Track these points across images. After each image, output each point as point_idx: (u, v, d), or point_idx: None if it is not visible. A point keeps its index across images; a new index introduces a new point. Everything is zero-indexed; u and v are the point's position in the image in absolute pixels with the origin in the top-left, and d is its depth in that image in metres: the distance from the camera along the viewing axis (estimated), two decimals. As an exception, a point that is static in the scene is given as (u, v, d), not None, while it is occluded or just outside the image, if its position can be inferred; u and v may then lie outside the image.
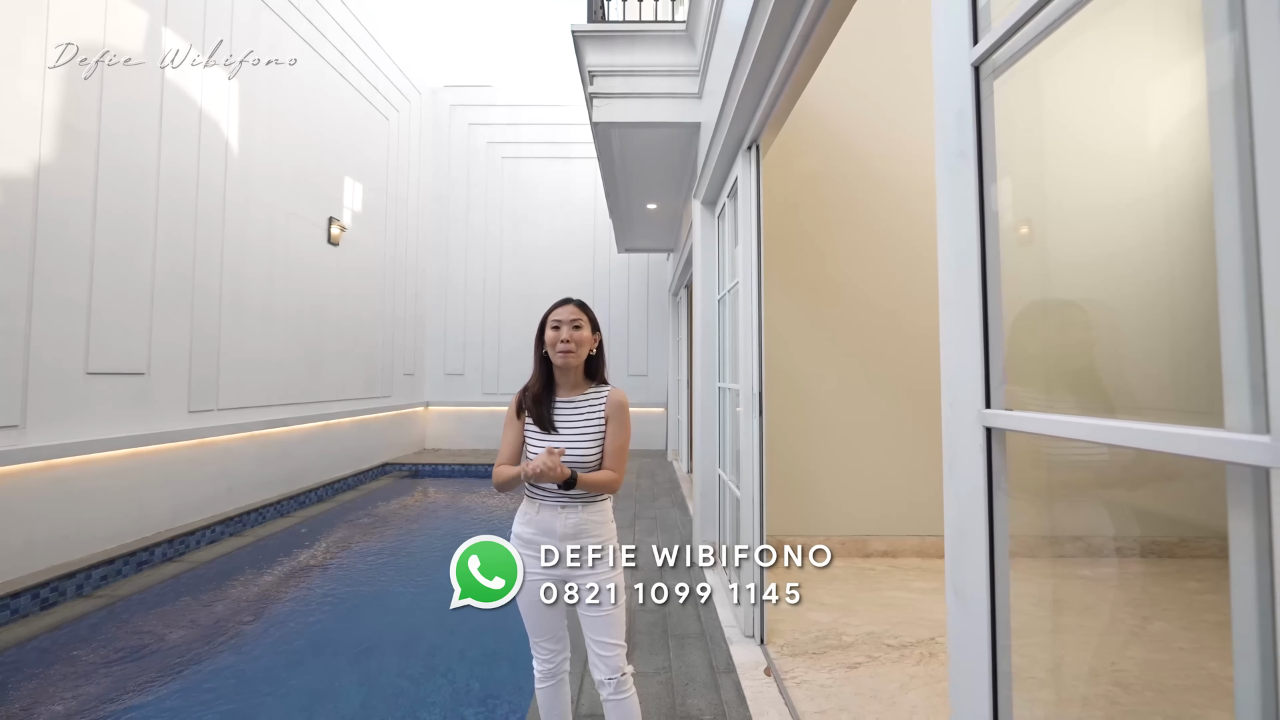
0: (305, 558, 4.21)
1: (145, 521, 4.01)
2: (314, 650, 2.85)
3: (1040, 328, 0.97)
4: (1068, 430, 0.66)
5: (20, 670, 2.54)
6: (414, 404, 8.64)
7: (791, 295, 3.53)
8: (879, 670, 2.20)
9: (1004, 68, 0.80)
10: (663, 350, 9.10)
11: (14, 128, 3.25)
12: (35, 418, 3.33)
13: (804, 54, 1.91)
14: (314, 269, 6.08)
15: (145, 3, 4.06)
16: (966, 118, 0.81)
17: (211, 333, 4.66)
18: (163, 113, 4.20)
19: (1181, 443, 0.50)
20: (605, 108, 3.56)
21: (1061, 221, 0.86)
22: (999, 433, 0.78)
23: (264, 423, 5.21)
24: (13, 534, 3.19)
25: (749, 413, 2.46)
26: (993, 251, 0.80)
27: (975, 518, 0.80)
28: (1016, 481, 1.35)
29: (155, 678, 2.52)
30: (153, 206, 4.13)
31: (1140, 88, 0.91)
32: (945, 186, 0.86)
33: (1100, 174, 0.91)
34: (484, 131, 9.34)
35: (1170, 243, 0.91)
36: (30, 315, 3.31)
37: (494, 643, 2.86)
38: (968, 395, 0.81)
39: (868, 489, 3.49)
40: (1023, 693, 1.36)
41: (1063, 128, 0.88)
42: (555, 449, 1.34)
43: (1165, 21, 0.79)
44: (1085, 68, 0.80)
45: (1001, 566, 0.78)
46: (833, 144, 3.58)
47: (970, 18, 0.81)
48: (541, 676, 1.51)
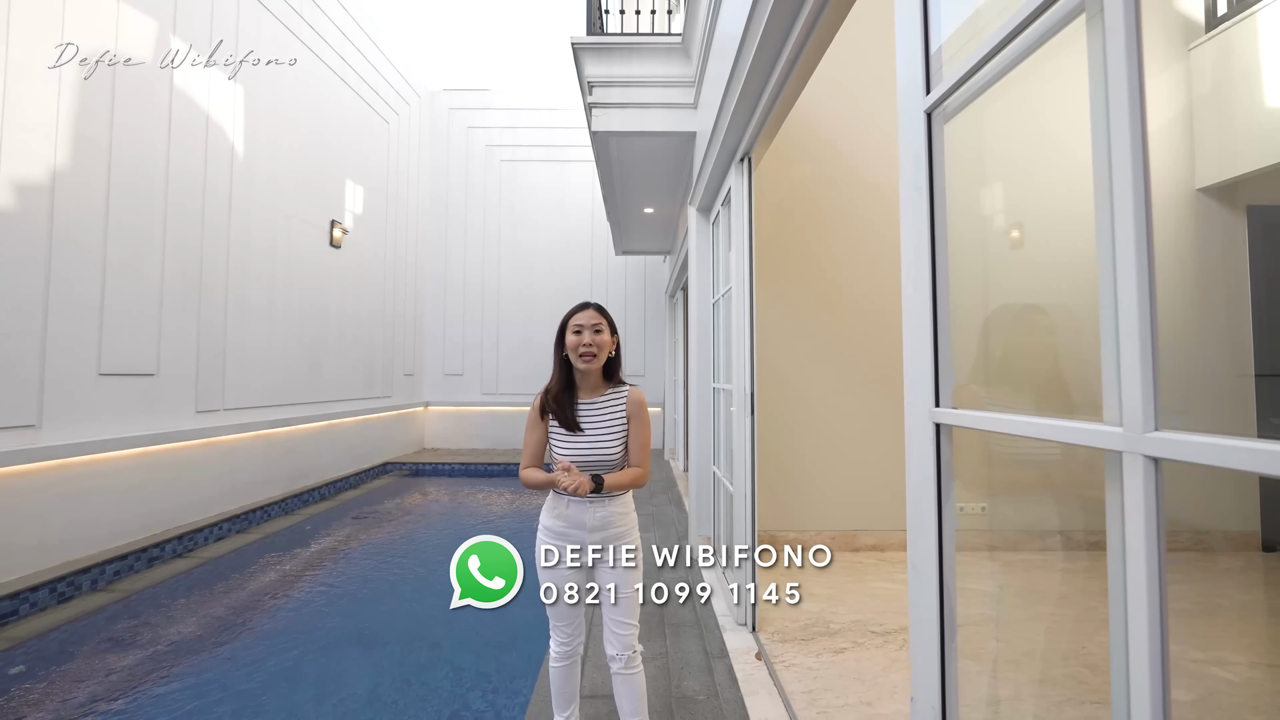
0: (311, 553, 4.32)
1: (155, 518, 4.11)
2: (322, 641, 2.96)
3: (1004, 333, 1.10)
4: (995, 425, 0.79)
5: (44, 659, 2.65)
6: (414, 404, 8.74)
7: (784, 298, 3.66)
8: (863, 654, 2.33)
9: (954, 113, 0.93)
10: (660, 351, 9.22)
11: (31, 136, 3.35)
12: (50, 417, 3.43)
13: (794, 70, 2.03)
14: (316, 271, 6.18)
15: (155, 12, 4.16)
16: (921, 157, 0.94)
17: (217, 334, 4.76)
18: (171, 120, 4.30)
19: (1068, 434, 0.63)
20: (604, 117, 3.68)
21: (1000, 242, 0.99)
22: (946, 428, 0.91)
23: (268, 422, 5.31)
24: (30, 530, 3.29)
25: (741, 412, 2.59)
26: (942, 270, 0.93)
27: (927, 501, 0.93)
28: (1001, 481, 1.49)
29: (171, 666, 2.63)
30: (161, 211, 4.23)
31: (1066, 128, 1.04)
32: (905, 215, 0.99)
33: (1033, 200, 1.04)
34: (482, 134, 9.45)
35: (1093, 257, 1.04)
36: (46, 318, 3.41)
37: (495, 634, 2.97)
38: (922, 395, 0.94)
39: (857, 485, 3.62)
40: (995, 674, 1.50)
41: (1001, 162, 1.01)
42: (569, 465, 1.43)
43: (1082, 80, 0.93)
44: (1021, 112, 0.93)
45: (948, 543, 0.91)
46: (824, 152, 3.72)
47: (923, 71, 0.94)
48: (557, 656, 1.62)
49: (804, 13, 1.72)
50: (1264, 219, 2.23)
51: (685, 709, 2.00)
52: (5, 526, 3.18)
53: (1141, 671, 0.54)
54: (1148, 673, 0.54)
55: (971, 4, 0.89)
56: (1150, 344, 0.53)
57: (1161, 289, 1.89)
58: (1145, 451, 0.53)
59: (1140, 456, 0.54)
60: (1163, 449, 0.53)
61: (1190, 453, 0.51)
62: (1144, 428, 0.53)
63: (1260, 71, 1.88)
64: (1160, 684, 0.54)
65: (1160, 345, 1.77)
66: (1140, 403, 0.54)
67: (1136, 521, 0.54)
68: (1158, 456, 0.53)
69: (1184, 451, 0.51)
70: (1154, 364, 0.54)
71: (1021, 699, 1.74)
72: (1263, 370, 2.26)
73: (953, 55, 0.92)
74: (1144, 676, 0.54)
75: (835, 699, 2.01)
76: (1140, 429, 0.54)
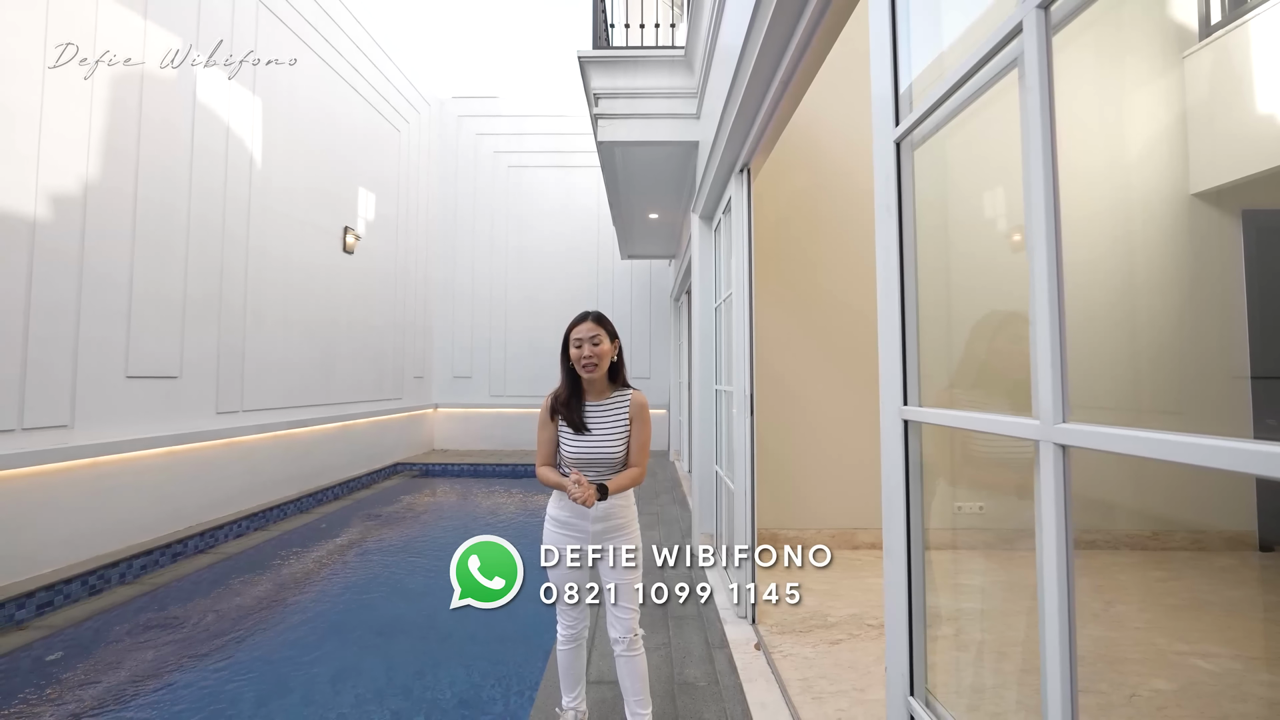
0: (326, 550, 4.46)
1: (178, 515, 4.27)
2: (339, 632, 3.09)
3: (987, 339, 1.20)
4: (951, 421, 0.89)
5: (79, 646, 2.80)
6: (423, 406, 8.90)
7: (783, 303, 3.76)
8: (858, 645, 2.43)
9: (920, 142, 1.04)
10: (665, 354, 9.34)
11: (66, 151, 3.52)
12: (82, 418, 3.60)
13: (790, 84, 2.13)
14: (329, 276, 6.35)
15: (179, 29, 4.34)
16: (890, 182, 1.05)
17: (237, 338, 4.92)
18: (194, 132, 4.48)
19: (1001, 426, 0.74)
20: (609, 128, 3.81)
21: (962, 254, 1.10)
22: (914, 425, 1.02)
23: (285, 423, 5.48)
24: (62, 525, 3.45)
25: (741, 412, 2.70)
26: (910, 281, 1.03)
27: (897, 490, 1.03)
28: (997, 482, 1.59)
29: (197, 654, 2.77)
30: (185, 220, 4.40)
31: (1014, 158, 1.15)
32: (877, 232, 1.09)
33: (988, 218, 1.15)
34: (490, 141, 9.62)
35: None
36: (78, 323, 3.58)
37: (505, 627, 3.09)
38: (893, 395, 1.05)
39: (856, 484, 3.71)
40: (981, 664, 1.60)
41: (960, 185, 1.12)
42: (581, 478, 1.52)
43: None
44: (980, 140, 1.04)
45: (915, 528, 1.02)
46: (821, 162, 3.82)
47: (893, 104, 1.05)
48: (564, 640, 1.74)
49: (800, 28, 1.82)
50: (1259, 223, 2.29)
51: (686, 694, 2.11)
52: (40, 522, 3.34)
53: (1053, 635, 0.65)
54: (1058, 637, 0.64)
55: (935, 50, 1.00)
56: (1060, 347, 0.64)
57: (1155, 293, 2.00)
58: (1056, 440, 0.64)
59: (1051, 445, 0.65)
60: (1070, 438, 0.63)
61: (1094, 441, 0.62)
62: (1054, 419, 0.64)
63: (1254, 77, 1.95)
64: (1068, 646, 0.64)
65: (1154, 348, 1.88)
66: (1051, 398, 0.64)
67: (1049, 500, 0.65)
68: (1065, 444, 0.64)
69: (1088, 440, 0.62)
70: (1063, 365, 0.64)
71: (1006, 686, 1.84)
72: (1258, 372, 2.33)
73: (920, 93, 1.03)
74: (1055, 637, 0.65)
75: (829, 685, 2.11)
76: (1052, 421, 0.65)
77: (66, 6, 3.54)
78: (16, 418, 3.24)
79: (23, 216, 3.29)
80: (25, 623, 3.00)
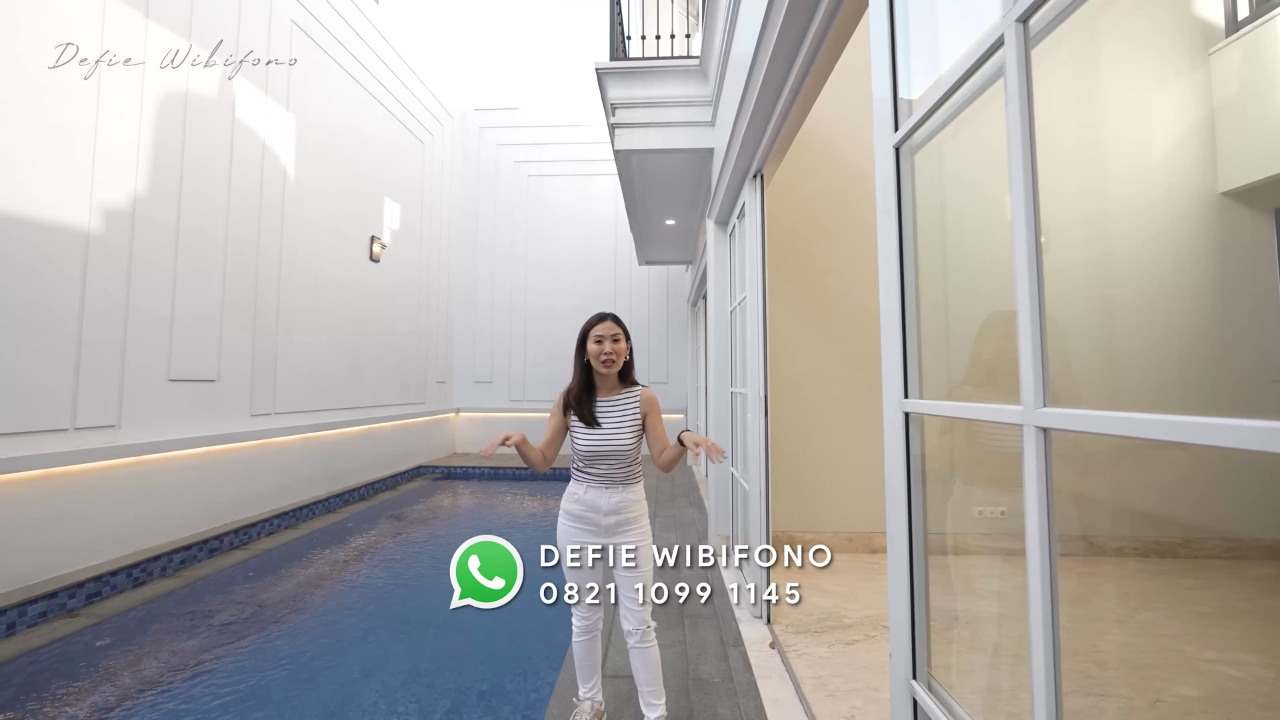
0: (353, 548, 4.61)
1: (214, 513, 4.46)
2: (365, 625, 3.20)
3: (996, 336, 1.23)
4: (946, 412, 0.93)
5: (125, 634, 2.96)
6: (445, 410, 9.09)
7: (797, 307, 3.79)
8: (873, 646, 2.43)
9: (918, 146, 1.09)
10: (682, 358, 9.38)
11: (117, 168, 3.75)
12: (128, 419, 3.80)
13: (800, 92, 2.18)
14: (356, 285, 6.57)
15: (210, 42, 4.58)
16: (890, 186, 1.09)
17: (270, 344, 5.14)
18: (233, 148, 4.72)
19: (988, 414, 0.78)
20: (626, 137, 3.90)
21: (961, 254, 1.14)
22: (915, 416, 1.06)
23: (314, 425, 5.67)
24: (108, 521, 3.65)
25: (755, 415, 2.73)
26: (909, 279, 1.08)
27: (899, 480, 1.07)
28: (1019, 486, 1.60)
29: (234, 642, 2.90)
30: (223, 231, 4.63)
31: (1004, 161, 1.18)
32: (879, 233, 1.14)
33: (984, 218, 1.18)
34: (511, 151, 9.84)
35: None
36: (126, 329, 3.79)
37: (524, 624, 3.16)
38: (894, 389, 1.09)
39: (873, 488, 3.69)
40: (997, 666, 1.62)
41: (956, 188, 1.16)
42: (512, 438, 1.56)
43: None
44: (974, 145, 1.08)
45: (917, 517, 1.06)
46: (833, 167, 3.85)
47: (892, 110, 1.10)
48: (579, 631, 1.81)
49: (808, 38, 1.87)
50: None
51: (701, 690, 2.15)
52: (89, 517, 3.54)
53: (1037, 614, 0.68)
54: (1041, 615, 0.68)
55: (931, 59, 1.05)
56: (1039, 339, 0.68)
57: (1184, 293, 1.99)
58: (1037, 423, 0.68)
59: (1033, 428, 0.69)
60: (1050, 420, 0.67)
61: (1071, 423, 0.66)
62: (1035, 404, 0.68)
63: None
64: (1051, 629, 0.68)
65: (1187, 350, 1.87)
66: (1033, 385, 0.69)
67: (1031, 480, 0.69)
68: (1046, 426, 0.68)
69: (1066, 422, 0.66)
70: (1043, 355, 0.68)
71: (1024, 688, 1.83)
72: (1293, 373, 2.27)
73: (918, 101, 1.07)
74: (1040, 617, 0.68)
75: (843, 684, 2.12)
76: (1033, 406, 0.69)
77: (118, 30, 3.78)
78: (70, 418, 3.45)
79: (78, 229, 3.52)
80: (76, 610, 3.18)
